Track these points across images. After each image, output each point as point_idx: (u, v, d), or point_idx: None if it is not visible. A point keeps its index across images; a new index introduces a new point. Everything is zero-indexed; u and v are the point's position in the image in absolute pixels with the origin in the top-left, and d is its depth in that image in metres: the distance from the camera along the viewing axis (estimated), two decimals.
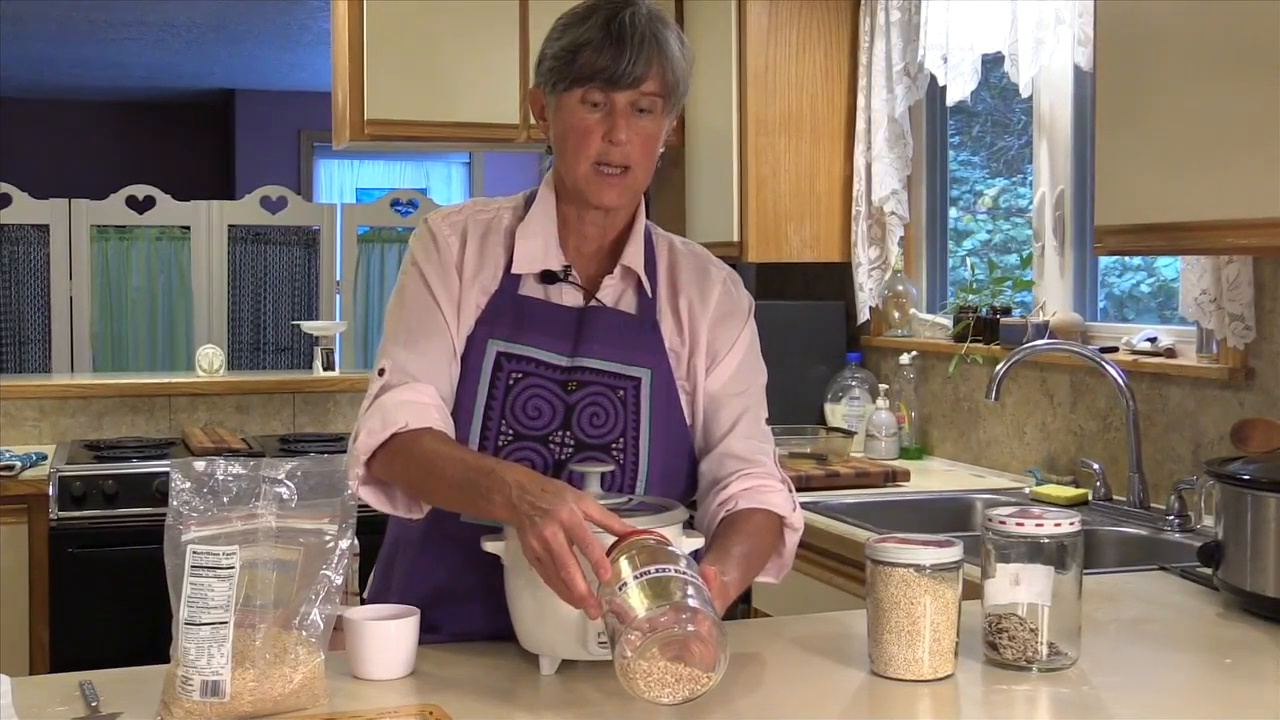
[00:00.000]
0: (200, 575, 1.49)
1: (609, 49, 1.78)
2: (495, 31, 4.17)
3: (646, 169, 1.85)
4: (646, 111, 1.82)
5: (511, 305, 1.87)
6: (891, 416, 3.78)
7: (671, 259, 1.96)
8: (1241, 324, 2.75)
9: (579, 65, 1.79)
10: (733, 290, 1.96)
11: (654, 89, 1.80)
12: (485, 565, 1.74)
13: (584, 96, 1.80)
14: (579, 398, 1.84)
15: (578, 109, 1.81)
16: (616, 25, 1.78)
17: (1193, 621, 2.04)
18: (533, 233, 1.89)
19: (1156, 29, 2.38)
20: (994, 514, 1.74)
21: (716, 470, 1.89)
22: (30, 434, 4.29)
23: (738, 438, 1.90)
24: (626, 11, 1.80)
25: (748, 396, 1.93)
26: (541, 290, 1.89)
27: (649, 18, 1.81)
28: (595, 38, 1.78)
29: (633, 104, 1.80)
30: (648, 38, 1.79)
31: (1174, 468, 2.94)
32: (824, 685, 1.68)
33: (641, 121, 1.81)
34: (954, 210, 4.05)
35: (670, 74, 1.82)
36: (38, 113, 10.13)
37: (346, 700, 1.58)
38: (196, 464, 1.53)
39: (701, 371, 1.91)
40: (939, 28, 3.57)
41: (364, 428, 1.79)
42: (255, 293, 6.89)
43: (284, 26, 7.58)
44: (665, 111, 1.84)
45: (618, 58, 1.77)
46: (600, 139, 1.80)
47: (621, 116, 1.80)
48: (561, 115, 1.83)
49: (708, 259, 1.98)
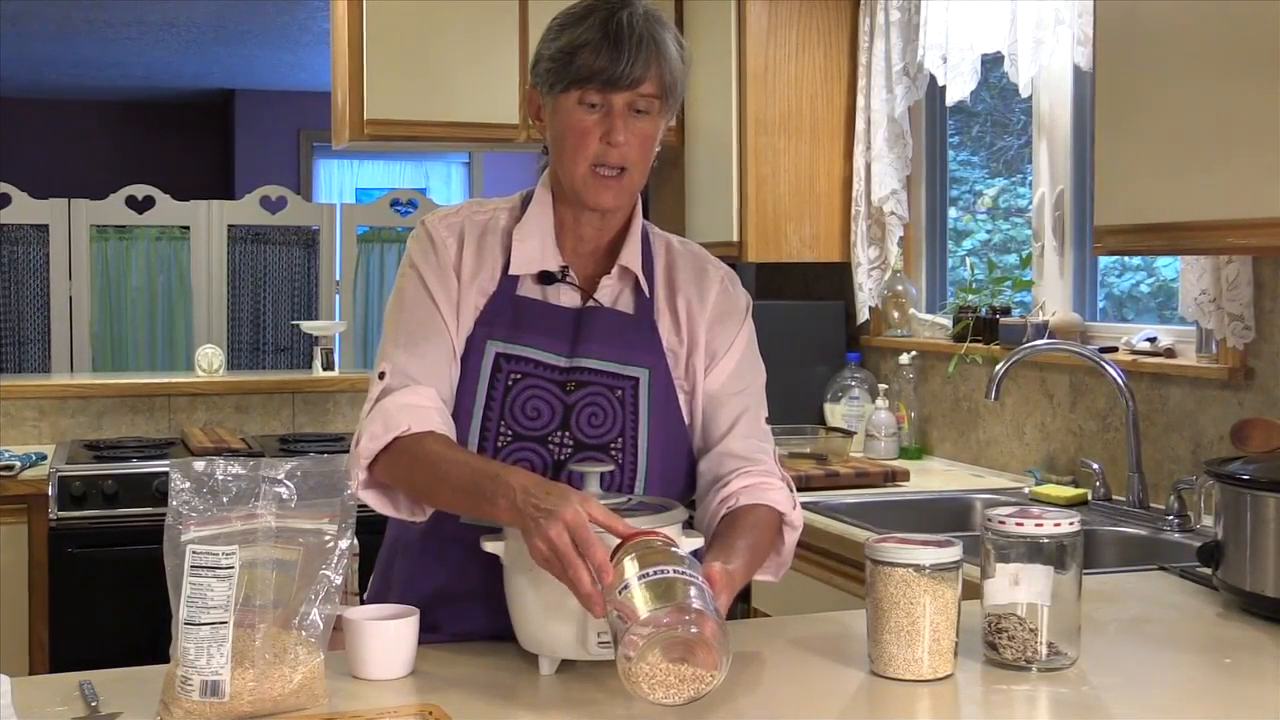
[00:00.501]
0: (200, 575, 1.49)
1: (607, 50, 1.77)
2: (495, 31, 4.17)
3: (643, 170, 1.86)
4: (644, 113, 1.81)
5: (509, 306, 1.87)
6: (891, 416, 3.78)
7: (669, 258, 1.96)
8: (1241, 324, 2.75)
9: (576, 66, 1.79)
10: (730, 289, 1.96)
11: (652, 90, 1.80)
12: (485, 565, 1.74)
13: (581, 98, 1.80)
14: (578, 398, 1.85)
15: (575, 110, 1.81)
16: (614, 26, 1.78)
17: (1192, 621, 2.04)
18: (529, 234, 1.89)
19: (1156, 29, 2.38)
20: (993, 514, 1.74)
21: (717, 469, 1.89)
22: (30, 434, 4.29)
23: (738, 437, 1.90)
24: (624, 12, 1.79)
25: (747, 395, 1.93)
26: (539, 291, 1.89)
27: (646, 18, 1.81)
28: (593, 39, 1.78)
29: (630, 105, 1.80)
30: (645, 39, 1.78)
31: (1173, 468, 2.94)
32: (824, 685, 1.68)
33: (639, 122, 1.81)
34: (954, 210, 4.05)
35: (668, 75, 1.81)
36: (37, 112, 10.13)
37: (346, 700, 1.58)
38: (196, 464, 1.53)
39: (700, 371, 1.91)
40: (939, 28, 3.57)
41: (366, 431, 1.79)
42: (255, 293, 6.89)
43: (284, 26, 7.58)
44: (662, 112, 1.84)
45: (616, 59, 1.77)
46: (598, 140, 1.80)
47: (619, 118, 1.80)
48: (559, 116, 1.83)
49: (705, 258, 1.98)
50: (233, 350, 6.75)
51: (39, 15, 7.23)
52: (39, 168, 9.44)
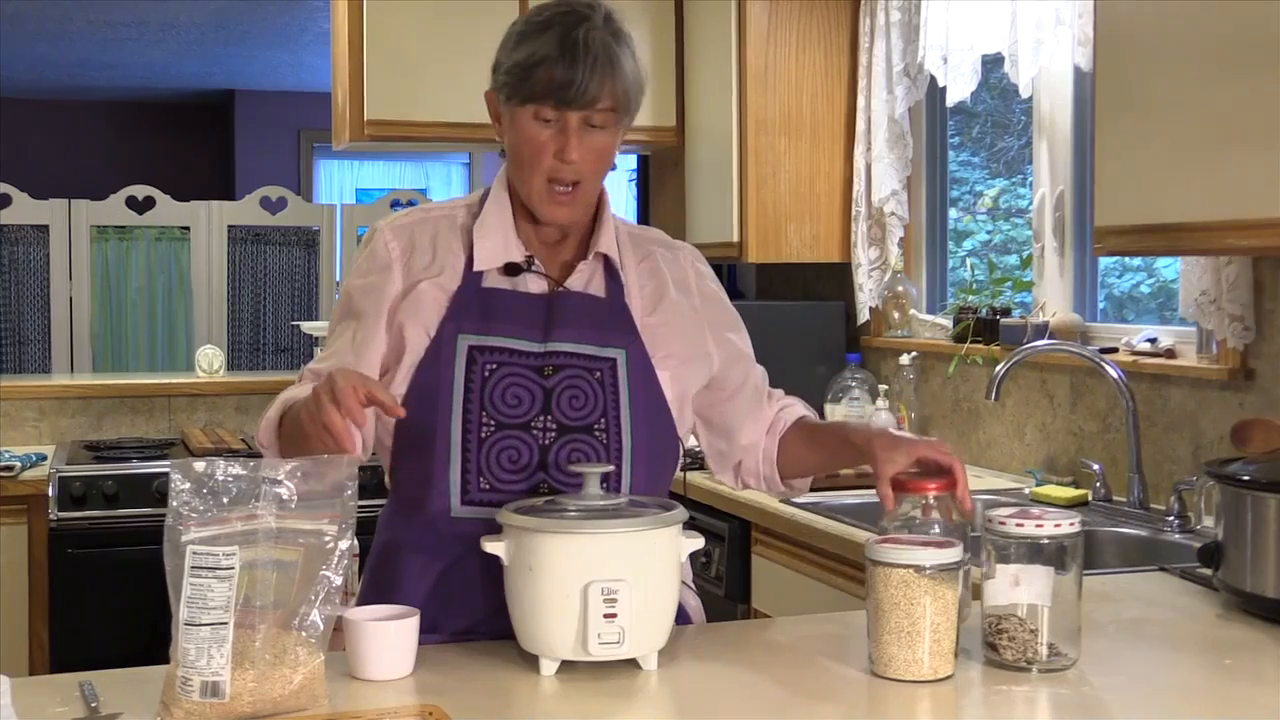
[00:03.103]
0: (200, 576, 1.49)
1: (562, 68, 1.80)
2: (495, 32, 4.11)
3: (596, 182, 1.91)
4: (599, 127, 1.85)
5: (476, 299, 1.89)
6: (892, 417, 3.77)
7: (634, 240, 2.01)
8: (1241, 324, 2.75)
9: (532, 82, 1.82)
10: (701, 268, 2.05)
11: (607, 105, 1.84)
12: (485, 565, 1.74)
13: (537, 113, 1.84)
14: (556, 381, 1.86)
15: (530, 124, 1.84)
16: (570, 43, 1.81)
17: (1192, 622, 2.04)
18: (490, 230, 1.92)
19: (1156, 30, 2.39)
20: (994, 514, 1.74)
21: (750, 409, 2.04)
22: (30, 434, 4.29)
23: (751, 389, 2.05)
24: (582, 27, 1.82)
25: (746, 359, 2.05)
26: (507, 281, 1.92)
27: (605, 33, 1.83)
28: (551, 54, 1.81)
29: (585, 120, 1.84)
30: (601, 57, 1.81)
31: (1174, 468, 2.94)
32: (824, 685, 1.68)
33: (593, 137, 1.85)
34: (954, 211, 4.05)
35: (622, 92, 1.85)
36: (38, 113, 10.13)
37: (346, 701, 1.58)
38: (196, 464, 1.53)
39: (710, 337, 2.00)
40: (939, 28, 3.57)
41: (262, 420, 1.88)
42: (255, 293, 6.89)
43: (284, 27, 7.58)
44: (617, 125, 1.88)
45: (570, 78, 1.80)
46: (552, 156, 1.84)
47: (574, 135, 1.83)
48: (515, 127, 1.87)
49: (670, 238, 2.06)
50: (233, 351, 6.76)
51: (40, 15, 7.23)
52: (39, 168, 9.44)
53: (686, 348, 1.96)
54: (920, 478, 1.79)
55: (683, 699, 1.66)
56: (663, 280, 1.98)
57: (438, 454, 1.84)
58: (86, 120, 10.27)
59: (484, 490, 1.83)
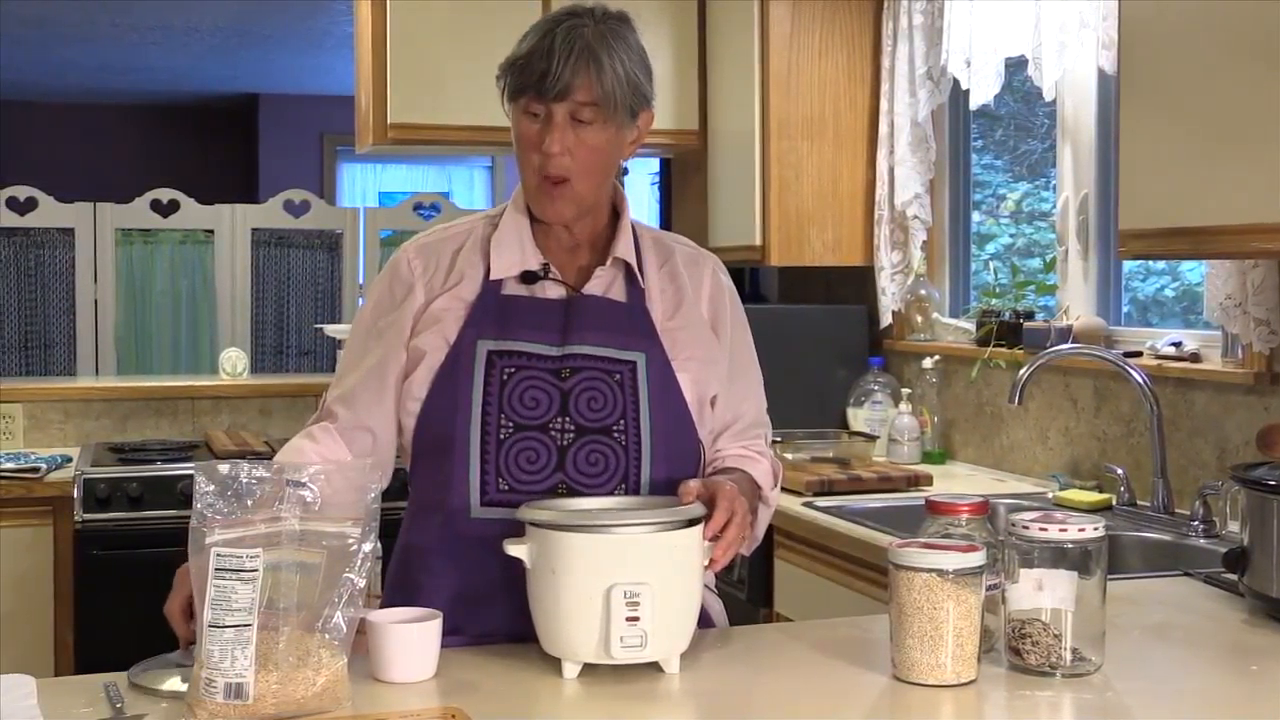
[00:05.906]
0: (224, 578, 1.50)
1: (540, 60, 1.84)
2: (517, 36, 4.14)
3: (590, 181, 1.90)
4: (586, 123, 1.86)
5: (495, 305, 1.91)
6: (914, 421, 3.77)
7: (657, 247, 2.01)
8: (1266, 328, 2.73)
9: (517, 76, 1.87)
10: (721, 277, 2.04)
11: (587, 98, 1.85)
12: (507, 567, 1.74)
13: (526, 107, 1.88)
14: (574, 383, 1.88)
15: (521, 119, 1.89)
16: (550, 38, 1.84)
17: (1217, 628, 2.03)
18: (506, 240, 1.95)
19: (1180, 32, 2.37)
20: (1017, 519, 1.74)
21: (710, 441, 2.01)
22: (55, 436, 4.31)
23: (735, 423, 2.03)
24: (566, 24, 1.85)
25: (748, 382, 2.05)
26: (525, 289, 1.94)
27: (596, 30, 1.86)
28: (536, 49, 1.85)
29: (571, 115, 1.86)
30: (580, 51, 1.83)
31: (1198, 473, 2.92)
32: (846, 690, 1.68)
33: (583, 133, 1.87)
34: (977, 214, 4.04)
35: (602, 85, 1.85)
36: (62, 116, 10.19)
37: (369, 703, 1.59)
38: (221, 467, 1.54)
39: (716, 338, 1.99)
40: (962, 31, 3.56)
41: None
42: (278, 296, 6.91)
43: (308, 30, 7.61)
44: (608, 122, 1.88)
45: (546, 69, 1.84)
46: (538, 149, 1.87)
47: (557, 128, 1.85)
48: (512, 125, 1.91)
49: (693, 245, 2.06)
50: (256, 353, 6.78)
51: (63, 19, 7.27)
52: (64, 171, 9.49)
53: (707, 351, 1.96)
54: (951, 499, 1.79)
55: (705, 702, 1.66)
56: (682, 286, 1.99)
57: (457, 455, 1.85)
58: (111, 124, 10.32)
59: (503, 491, 1.84)
